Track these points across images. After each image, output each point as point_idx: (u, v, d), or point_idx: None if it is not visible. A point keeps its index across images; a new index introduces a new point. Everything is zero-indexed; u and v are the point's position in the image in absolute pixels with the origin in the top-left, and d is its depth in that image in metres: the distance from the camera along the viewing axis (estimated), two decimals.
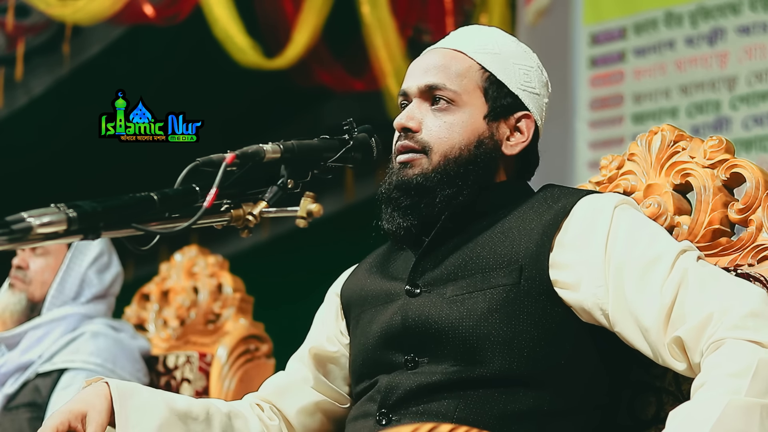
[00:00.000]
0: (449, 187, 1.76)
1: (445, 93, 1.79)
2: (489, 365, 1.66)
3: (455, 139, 1.78)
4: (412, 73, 1.84)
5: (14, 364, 2.88)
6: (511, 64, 1.83)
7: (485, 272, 1.71)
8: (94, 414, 1.70)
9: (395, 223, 1.79)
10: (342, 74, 6.25)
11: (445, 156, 1.77)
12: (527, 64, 1.85)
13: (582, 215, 1.71)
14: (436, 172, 1.77)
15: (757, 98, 4.84)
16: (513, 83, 1.82)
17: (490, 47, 1.83)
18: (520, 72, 1.83)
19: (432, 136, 1.78)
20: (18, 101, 6.62)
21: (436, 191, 1.76)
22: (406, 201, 1.78)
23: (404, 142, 1.80)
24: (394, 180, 1.80)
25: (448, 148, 1.78)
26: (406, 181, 1.78)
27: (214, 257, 3.16)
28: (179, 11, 5.72)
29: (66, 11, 5.57)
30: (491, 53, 1.82)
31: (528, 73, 1.84)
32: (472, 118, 1.79)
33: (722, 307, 1.55)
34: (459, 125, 1.78)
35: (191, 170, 1.56)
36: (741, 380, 1.45)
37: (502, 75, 1.81)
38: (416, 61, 1.87)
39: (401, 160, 1.80)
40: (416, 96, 1.82)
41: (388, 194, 1.80)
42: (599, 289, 1.66)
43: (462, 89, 1.79)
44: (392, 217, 1.79)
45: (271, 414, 1.95)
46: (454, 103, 1.79)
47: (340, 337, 1.95)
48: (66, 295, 2.94)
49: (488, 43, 1.83)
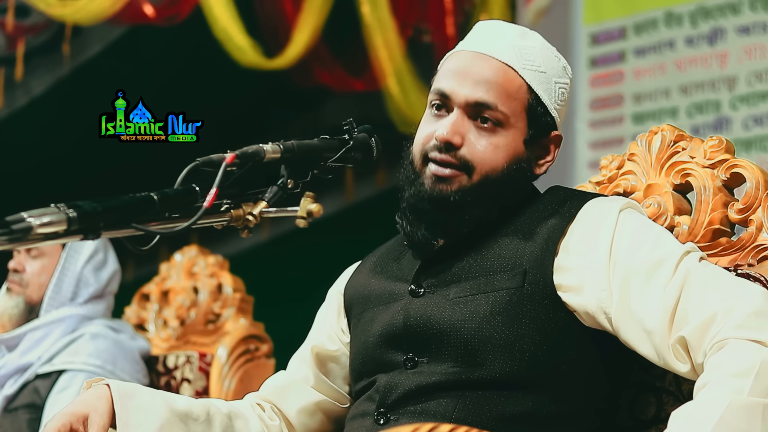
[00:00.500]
0: (481, 206, 1.74)
1: (495, 114, 1.74)
2: (489, 368, 1.66)
3: (498, 161, 1.74)
4: (458, 76, 1.76)
5: (14, 366, 2.88)
6: (554, 83, 1.79)
7: (489, 275, 1.71)
8: (95, 416, 1.70)
9: (418, 233, 1.77)
10: (342, 74, 6.25)
11: (486, 177, 1.74)
12: (564, 81, 1.82)
13: (587, 219, 1.71)
14: (474, 191, 1.74)
15: (757, 98, 4.84)
16: (552, 103, 1.79)
17: (537, 63, 1.77)
18: (559, 91, 1.80)
19: (476, 156, 1.74)
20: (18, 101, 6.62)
21: (467, 209, 1.74)
22: (436, 215, 1.75)
23: (445, 156, 1.74)
24: (426, 191, 1.75)
25: (490, 169, 1.74)
26: (442, 196, 1.74)
27: (214, 257, 3.16)
28: (179, 11, 5.72)
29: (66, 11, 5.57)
30: (538, 71, 1.77)
31: (564, 90, 1.82)
32: (515, 141, 1.76)
33: (726, 306, 1.55)
34: (503, 148, 1.75)
35: (191, 170, 1.55)
36: (743, 380, 1.45)
37: (545, 96, 1.78)
38: (460, 62, 1.78)
39: (440, 174, 1.74)
40: (461, 107, 1.75)
41: (417, 203, 1.76)
42: (603, 293, 1.65)
43: (511, 111, 1.74)
44: (416, 225, 1.77)
45: (272, 414, 1.94)
46: (501, 125, 1.75)
47: (341, 335, 1.95)
48: (63, 295, 2.94)
49: (536, 58, 1.78)
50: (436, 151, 1.75)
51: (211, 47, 5.67)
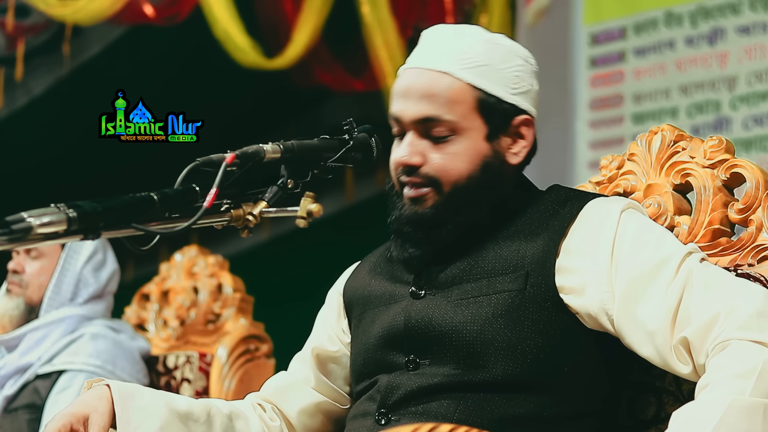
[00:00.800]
0: (461, 214, 1.74)
1: (443, 125, 1.72)
2: (491, 369, 1.66)
3: (462, 168, 1.74)
4: (401, 97, 1.76)
5: (14, 366, 2.88)
6: (499, 72, 1.75)
7: (491, 277, 1.71)
8: (96, 417, 1.70)
9: (407, 252, 1.77)
10: (342, 74, 6.25)
11: (454, 186, 1.74)
12: (514, 63, 1.77)
13: (588, 220, 1.71)
14: (447, 203, 1.74)
15: (757, 98, 4.84)
16: (505, 92, 1.76)
17: (474, 59, 1.74)
18: (509, 76, 1.76)
19: (437, 170, 1.74)
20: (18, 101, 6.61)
21: (448, 221, 1.74)
22: (418, 234, 1.75)
23: (411, 178, 1.75)
24: (405, 214, 1.76)
25: (456, 178, 1.74)
26: (419, 215, 1.75)
27: (214, 257, 3.16)
28: (179, 11, 5.72)
29: (66, 11, 5.57)
30: (477, 66, 1.74)
31: (517, 73, 1.77)
32: (474, 142, 1.75)
33: (728, 307, 1.55)
34: (463, 154, 1.74)
35: (191, 170, 1.55)
36: (745, 381, 1.45)
37: (494, 88, 1.75)
38: (402, 82, 1.77)
39: (410, 195, 1.75)
40: (412, 128, 1.75)
41: (400, 228, 1.77)
42: (605, 294, 1.65)
43: (458, 116, 1.73)
44: (404, 248, 1.77)
45: (273, 414, 1.94)
46: (454, 132, 1.74)
47: (342, 336, 1.95)
48: (63, 296, 2.94)
49: (469, 55, 1.74)
50: (404, 175, 1.76)
51: (211, 47, 5.67)
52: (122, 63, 6.42)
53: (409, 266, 1.81)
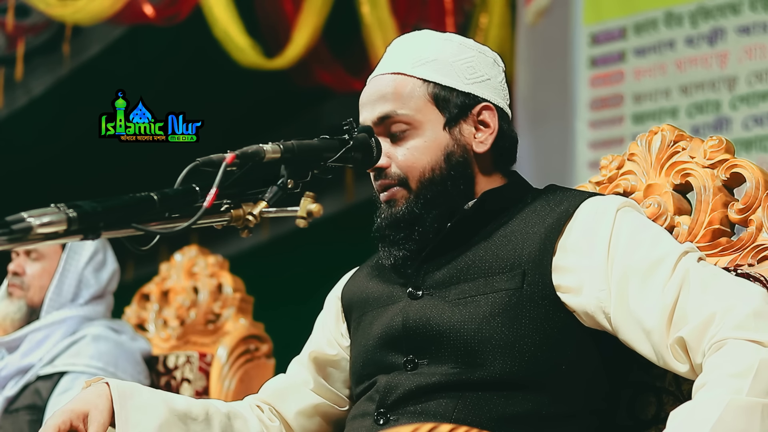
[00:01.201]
0: (435, 207, 1.77)
1: (398, 120, 1.78)
2: (489, 368, 1.66)
3: (423, 160, 1.77)
4: (363, 106, 1.83)
5: (15, 367, 2.88)
6: (450, 64, 1.80)
7: (488, 276, 1.71)
8: (95, 414, 1.70)
9: (393, 256, 1.80)
10: (342, 74, 6.25)
11: (420, 181, 1.77)
12: (466, 56, 1.82)
13: (584, 218, 1.71)
14: (417, 199, 1.77)
15: (757, 98, 4.84)
16: (459, 82, 1.80)
17: (424, 56, 1.80)
18: (462, 68, 1.81)
19: (401, 166, 1.78)
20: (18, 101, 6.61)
21: (423, 216, 1.77)
22: (398, 235, 1.78)
23: (381, 181, 1.80)
24: (384, 218, 1.80)
25: (420, 172, 1.77)
26: (394, 216, 1.78)
27: (214, 257, 3.16)
28: (179, 11, 5.71)
29: (66, 11, 5.57)
30: (427, 62, 1.79)
31: (470, 64, 1.81)
32: (433, 133, 1.78)
33: (724, 306, 1.55)
34: (422, 146, 1.78)
35: (191, 170, 1.55)
36: (742, 380, 1.45)
37: (445, 79, 1.79)
38: (363, 93, 1.84)
39: (384, 198, 1.81)
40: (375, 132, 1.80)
41: (381, 233, 1.81)
42: (602, 292, 1.65)
43: (413, 110, 1.78)
44: (389, 252, 1.80)
45: (271, 415, 1.95)
46: (410, 126, 1.78)
47: (341, 340, 1.95)
48: (64, 297, 2.94)
49: (421, 54, 1.80)
50: (375, 180, 1.81)
51: (211, 47, 5.67)
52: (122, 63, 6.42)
53: (405, 267, 1.81)
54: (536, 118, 5.64)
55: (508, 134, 1.84)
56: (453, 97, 1.79)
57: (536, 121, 5.63)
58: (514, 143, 1.86)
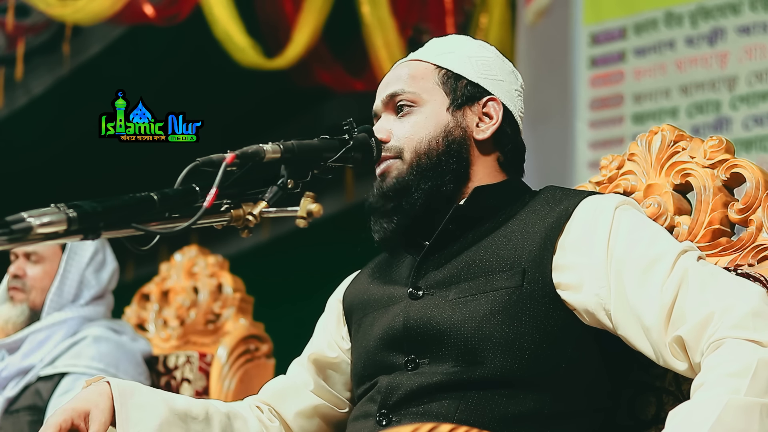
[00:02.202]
0: (426, 180, 1.79)
1: (404, 97, 1.83)
2: (490, 367, 1.66)
3: (422, 133, 1.81)
4: (378, 92, 1.89)
5: (15, 368, 2.88)
6: (467, 57, 1.87)
7: (488, 275, 1.72)
8: (97, 412, 1.70)
9: (383, 230, 1.80)
10: (342, 74, 6.25)
11: (416, 151, 1.80)
12: (484, 55, 1.89)
13: (583, 217, 1.71)
14: (410, 169, 1.80)
15: (757, 98, 4.84)
16: (472, 73, 1.85)
17: (444, 49, 1.88)
18: (477, 63, 1.87)
19: (401, 139, 1.82)
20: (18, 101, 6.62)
21: (412, 188, 1.79)
22: (388, 205, 1.80)
23: (380, 155, 1.82)
24: (375, 192, 1.83)
25: (417, 143, 1.81)
26: (386, 187, 1.81)
27: (214, 257, 3.16)
28: (179, 11, 5.72)
29: (66, 11, 5.57)
30: (445, 53, 1.87)
31: (486, 62, 1.88)
32: (435, 111, 1.83)
33: (723, 306, 1.55)
34: (423, 121, 1.82)
35: (191, 170, 1.55)
36: (740, 380, 1.45)
37: (458, 68, 1.85)
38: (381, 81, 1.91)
39: (379, 171, 1.83)
40: (383, 111, 1.87)
41: (372, 205, 1.83)
42: (602, 290, 1.66)
43: (420, 89, 1.84)
44: (379, 224, 1.81)
45: (271, 416, 1.95)
46: (415, 103, 1.83)
47: (341, 343, 1.95)
48: (65, 298, 2.94)
49: (444, 47, 1.89)
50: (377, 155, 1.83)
51: (211, 47, 5.67)
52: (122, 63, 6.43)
53: (405, 263, 1.81)
54: (536, 118, 5.64)
55: (510, 136, 1.85)
56: (461, 84, 1.84)
57: (536, 121, 5.63)
58: (518, 149, 1.88)
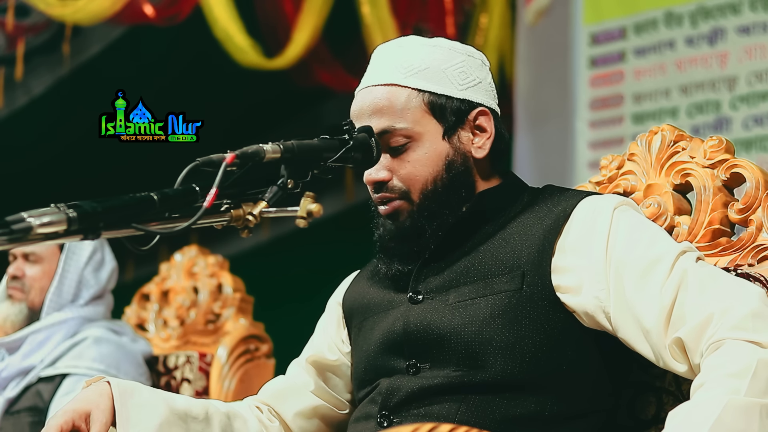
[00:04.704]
0: (437, 218, 1.77)
1: (397, 134, 1.77)
2: (491, 370, 1.66)
3: (425, 172, 1.77)
4: (357, 120, 1.80)
5: (15, 369, 2.88)
6: (443, 71, 1.79)
7: (488, 278, 1.71)
8: (98, 413, 1.70)
9: (395, 268, 1.80)
10: (342, 74, 6.25)
11: (422, 192, 1.77)
12: (457, 61, 1.81)
13: (582, 218, 1.71)
14: (420, 211, 1.77)
15: (757, 98, 4.84)
16: (453, 89, 1.79)
17: (417, 64, 1.78)
18: (455, 73, 1.80)
19: (404, 179, 1.78)
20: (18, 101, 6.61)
21: (425, 228, 1.77)
22: (403, 248, 1.79)
23: (381, 194, 1.79)
24: (387, 231, 1.80)
25: (423, 184, 1.77)
26: (398, 229, 1.78)
27: (214, 257, 3.16)
28: (179, 11, 5.71)
29: (66, 11, 5.57)
30: (420, 71, 1.78)
31: (462, 69, 1.81)
32: (433, 144, 1.78)
33: (722, 307, 1.55)
34: (423, 158, 1.77)
35: (191, 170, 1.55)
36: (740, 380, 1.45)
37: (439, 87, 1.78)
38: (354, 104, 1.82)
39: (385, 212, 1.79)
40: None
41: (384, 245, 1.81)
42: (601, 292, 1.65)
43: (411, 122, 1.76)
44: (391, 262, 1.80)
45: (270, 416, 1.95)
46: (410, 138, 1.77)
47: (341, 346, 1.95)
48: (64, 298, 2.94)
49: (411, 62, 1.78)
50: (375, 192, 1.80)
51: (211, 47, 5.67)
52: (122, 63, 6.42)
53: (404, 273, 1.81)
54: (536, 118, 5.64)
55: (501, 136, 1.84)
56: (449, 104, 1.79)
57: (536, 121, 5.63)
58: (505, 144, 1.86)
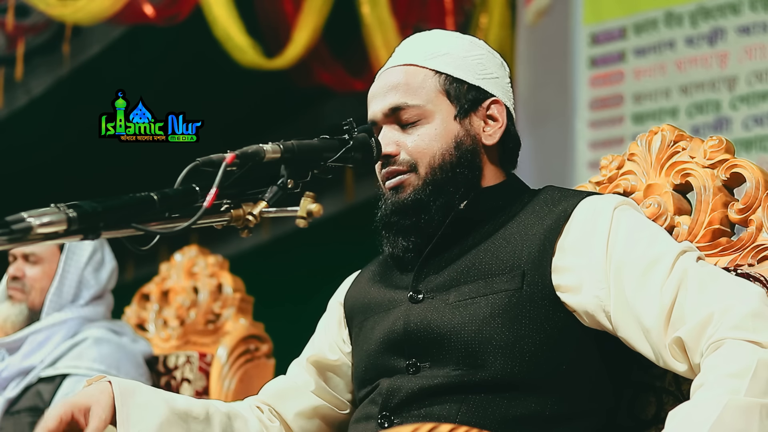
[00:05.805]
0: (442, 195, 1.77)
1: (409, 110, 1.80)
2: (491, 369, 1.66)
3: (435, 147, 1.79)
4: (373, 98, 1.84)
5: (16, 369, 2.88)
6: (462, 59, 1.83)
7: (488, 278, 1.71)
8: (97, 409, 1.70)
9: (398, 245, 1.79)
10: (342, 74, 6.26)
11: (431, 166, 1.78)
12: (477, 53, 1.85)
13: (582, 218, 1.71)
14: (426, 185, 1.78)
15: (757, 98, 4.84)
16: (471, 76, 1.82)
17: (437, 50, 1.83)
18: (473, 63, 1.83)
19: (412, 152, 1.79)
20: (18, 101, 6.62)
21: (430, 204, 1.77)
22: (405, 221, 1.78)
23: (389, 168, 1.80)
24: (389, 205, 1.80)
25: (431, 158, 1.78)
26: (402, 202, 1.79)
27: (214, 257, 3.16)
28: (179, 11, 5.72)
29: (66, 11, 5.57)
30: (440, 55, 1.82)
31: (481, 61, 1.85)
32: (444, 122, 1.80)
33: (722, 307, 1.55)
34: (434, 134, 1.79)
35: (191, 170, 1.55)
36: (740, 380, 1.45)
37: (457, 72, 1.82)
38: (373, 86, 1.86)
39: (391, 185, 1.80)
40: (384, 121, 1.82)
41: (387, 219, 1.80)
42: (602, 291, 1.66)
43: (424, 100, 1.80)
44: (395, 239, 1.80)
45: (271, 416, 1.95)
46: (421, 115, 1.80)
47: (342, 346, 1.95)
48: (64, 298, 2.94)
49: (435, 47, 1.83)
50: (383, 168, 1.81)
51: (211, 47, 5.68)
52: (122, 63, 6.43)
53: (406, 266, 1.81)
54: (536, 118, 5.64)
55: (513, 134, 1.86)
56: (464, 89, 1.82)
57: (536, 121, 5.63)
58: (517, 145, 1.88)
